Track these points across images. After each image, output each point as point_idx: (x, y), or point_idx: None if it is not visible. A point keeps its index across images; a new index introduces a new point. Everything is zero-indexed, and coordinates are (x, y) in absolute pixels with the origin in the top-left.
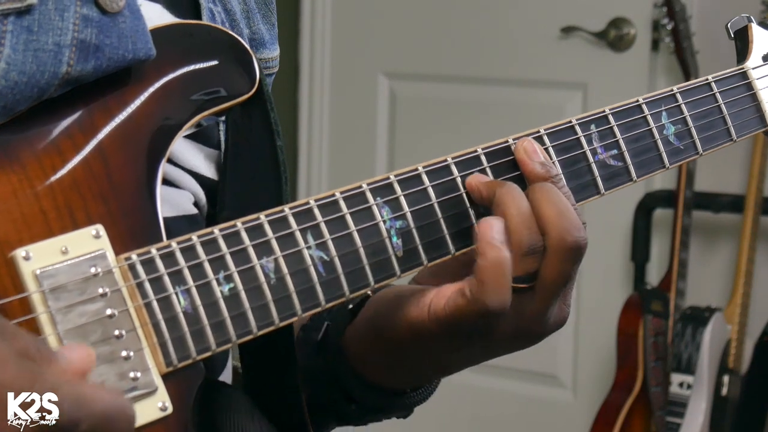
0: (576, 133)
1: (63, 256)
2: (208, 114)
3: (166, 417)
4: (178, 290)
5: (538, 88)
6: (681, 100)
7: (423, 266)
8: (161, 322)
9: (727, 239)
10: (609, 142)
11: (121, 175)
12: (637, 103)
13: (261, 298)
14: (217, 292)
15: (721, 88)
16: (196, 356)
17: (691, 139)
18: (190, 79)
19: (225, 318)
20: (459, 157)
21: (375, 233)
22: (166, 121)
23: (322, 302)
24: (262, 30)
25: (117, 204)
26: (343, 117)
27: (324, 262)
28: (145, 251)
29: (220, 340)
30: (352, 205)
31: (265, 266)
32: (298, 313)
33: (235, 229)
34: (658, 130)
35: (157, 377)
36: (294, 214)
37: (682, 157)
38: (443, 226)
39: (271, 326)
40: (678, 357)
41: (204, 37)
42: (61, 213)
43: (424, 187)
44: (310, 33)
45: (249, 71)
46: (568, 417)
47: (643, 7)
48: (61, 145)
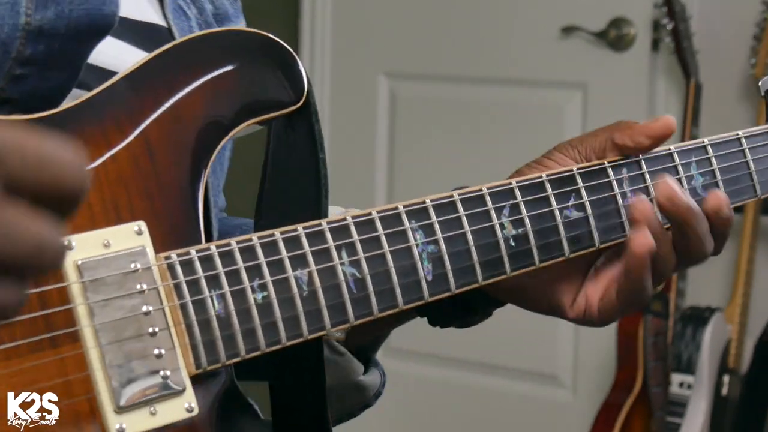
0: (608, 176)
1: (105, 249)
2: (255, 122)
3: (191, 418)
4: (213, 294)
5: (538, 88)
6: (711, 152)
7: (450, 292)
8: (194, 324)
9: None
10: (639, 187)
11: (167, 174)
12: (669, 152)
13: (292, 309)
14: (251, 299)
15: (750, 144)
16: (225, 361)
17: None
18: (238, 82)
19: (256, 325)
20: (494, 188)
21: (407, 256)
22: (213, 123)
23: (351, 319)
24: (225, 4)
25: (161, 203)
26: (343, 117)
27: (356, 279)
28: (185, 252)
29: (250, 347)
30: (387, 226)
31: (299, 278)
32: (326, 327)
33: (273, 238)
34: (687, 180)
35: (186, 378)
36: (331, 229)
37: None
38: (474, 255)
39: (300, 338)
40: (678, 357)
41: (252, 42)
42: (106, 206)
43: (458, 215)
44: (310, 33)
45: (297, 81)
46: (568, 417)
47: (643, 7)
48: (110, 135)
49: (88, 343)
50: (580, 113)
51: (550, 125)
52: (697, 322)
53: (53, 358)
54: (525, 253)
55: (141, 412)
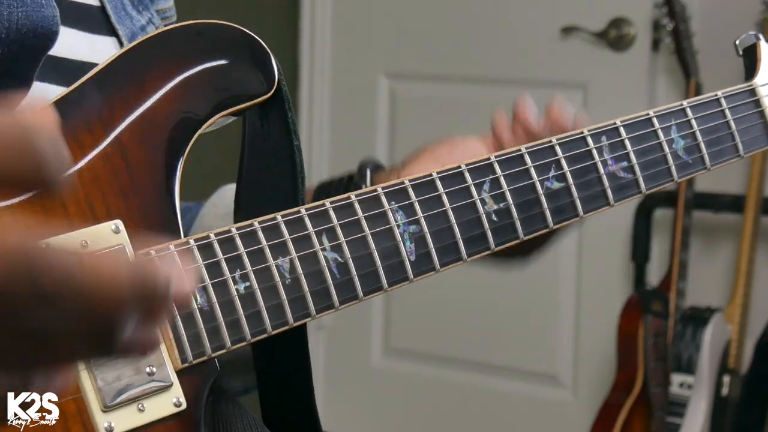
0: (587, 144)
1: (83, 249)
2: (227, 113)
3: (180, 413)
4: None
5: (538, 88)
6: (691, 114)
7: (435, 271)
8: (177, 319)
9: (727, 239)
10: (619, 154)
11: (140, 172)
12: (647, 117)
13: (276, 298)
14: (233, 291)
15: (729, 104)
16: (211, 353)
17: (699, 153)
18: (210, 76)
19: (240, 316)
20: (472, 164)
21: (389, 237)
22: (186, 118)
23: (336, 303)
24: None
25: (136, 200)
26: (343, 117)
27: (338, 264)
28: (164, 248)
29: (235, 338)
30: (367, 209)
31: (281, 266)
32: (312, 314)
33: (252, 228)
34: (668, 144)
35: (173, 373)
36: (310, 215)
37: (690, 171)
38: (456, 232)
39: (286, 326)
40: (678, 357)
41: (221, 35)
42: (82, 207)
43: (438, 193)
44: (310, 33)
45: (267, 71)
46: (568, 417)
47: (643, 7)
48: (81, 138)
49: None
50: (580, 113)
51: None
52: (697, 323)
53: None
54: (508, 227)
55: (129, 409)
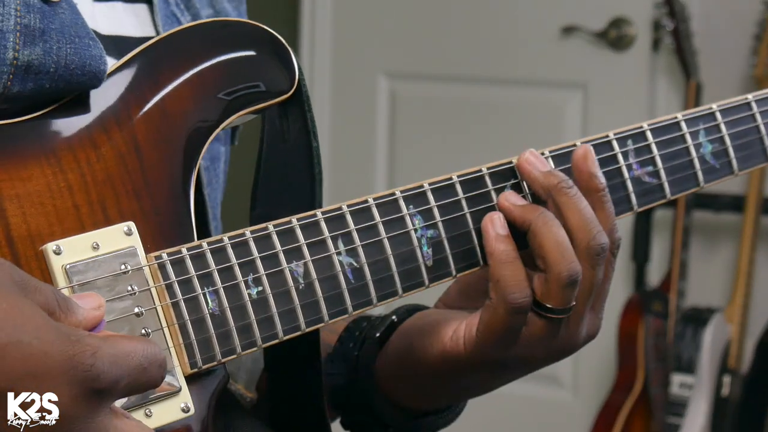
0: (613, 148)
1: (94, 251)
2: (245, 113)
3: (187, 418)
4: (206, 291)
5: (538, 88)
6: (720, 119)
7: (452, 277)
8: (188, 323)
9: (727, 239)
10: (645, 158)
11: (155, 172)
12: (675, 120)
13: (288, 303)
14: (245, 295)
15: (761, 108)
16: (221, 358)
17: (727, 158)
18: (229, 75)
19: (251, 321)
20: (493, 168)
21: (406, 242)
22: (203, 119)
23: (350, 309)
24: (227, 8)
25: (150, 202)
26: (343, 117)
27: (353, 269)
28: (176, 251)
29: (246, 343)
30: (384, 213)
31: (295, 270)
32: (324, 319)
33: (266, 232)
34: (696, 149)
35: (181, 378)
36: (326, 219)
37: (717, 176)
38: (474, 238)
39: (298, 331)
40: (678, 357)
41: (241, 33)
42: (94, 208)
43: (457, 198)
44: (310, 33)
45: (288, 69)
46: (568, 417)
47: (643, 7)
48: (96, 137)
49: None
50: (580, 113)
51: (550, 125)
52: (697, 323)
53: None
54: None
55: (136, 414)
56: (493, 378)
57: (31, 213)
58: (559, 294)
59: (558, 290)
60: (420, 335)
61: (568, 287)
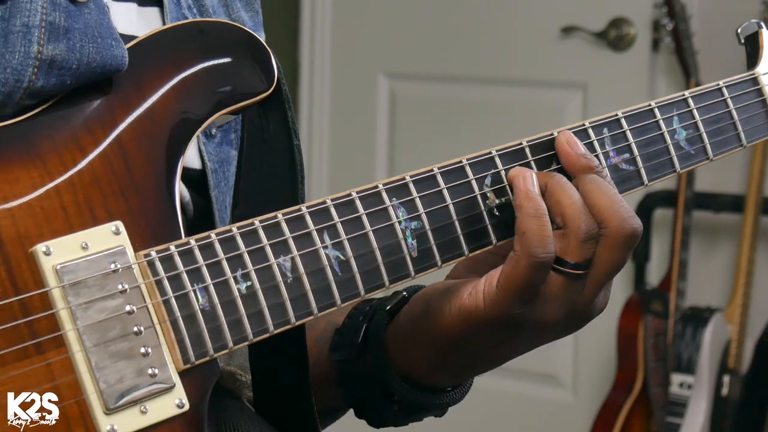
0: (589, 136)
1: (83, 251)
2: (226, 112)
3: (183, 414)
4: (196, 288)
5: (538, 88)
6: (692, 105)
7: (437, 267)
8: (179, 320)
9: (727, 239)
10: (621, 146)
11: (141, 171)
12: (649, 107)
13: (278, 297)
14: (235, 291)
15: (731, 93)
16: (213, 353)
17: (701, 144)
18: (208, 75)
19: (242, 316)
20: (474, 159)
21: (390, 234)
22: (185, 118)
23: (338, 301)
24: (243, 17)
25: (137, 200)
26: (343, 117)
27: (340, 262)
28: (164, 248)
29: (237, 338)
30: (368, 206)
31: (282, 265)
32: (314, 312)
33: (252, 227)
34: (670, 135)
35: (175, 374)
36: (311, 213)
37: (693, 162)
38: (457, 228)
39: (288, 325)
40: (678, 357)
41: (220, 34)
42: (81, 209)
43: (439, 189)
44: (310, 33)
45: (267, 69)
46: (568, 417)
47: (643, 7)
48: (81, 139)
49: (73, 346)
50: (580, 113)
51: (550, 125)
52: (697, 323)
53: (40, 365)
54: (510, 222)
55: (131, 411)
56: (507, 342)
57: (19, 215)
58: (578, 249)
59: (576, 245)
60: (437, 296)
61: (586, 241)
